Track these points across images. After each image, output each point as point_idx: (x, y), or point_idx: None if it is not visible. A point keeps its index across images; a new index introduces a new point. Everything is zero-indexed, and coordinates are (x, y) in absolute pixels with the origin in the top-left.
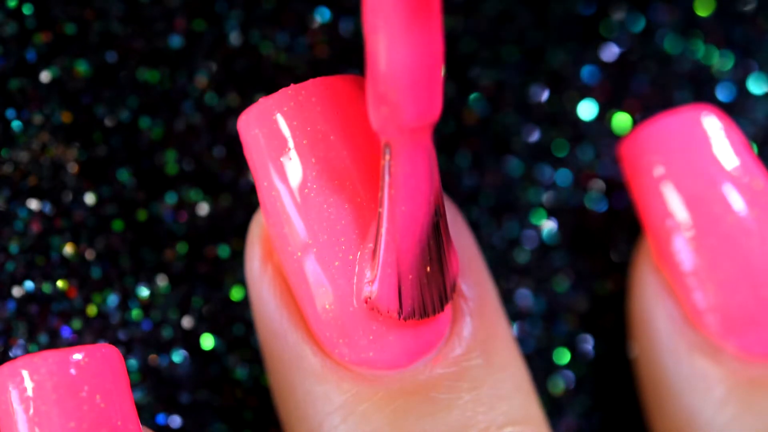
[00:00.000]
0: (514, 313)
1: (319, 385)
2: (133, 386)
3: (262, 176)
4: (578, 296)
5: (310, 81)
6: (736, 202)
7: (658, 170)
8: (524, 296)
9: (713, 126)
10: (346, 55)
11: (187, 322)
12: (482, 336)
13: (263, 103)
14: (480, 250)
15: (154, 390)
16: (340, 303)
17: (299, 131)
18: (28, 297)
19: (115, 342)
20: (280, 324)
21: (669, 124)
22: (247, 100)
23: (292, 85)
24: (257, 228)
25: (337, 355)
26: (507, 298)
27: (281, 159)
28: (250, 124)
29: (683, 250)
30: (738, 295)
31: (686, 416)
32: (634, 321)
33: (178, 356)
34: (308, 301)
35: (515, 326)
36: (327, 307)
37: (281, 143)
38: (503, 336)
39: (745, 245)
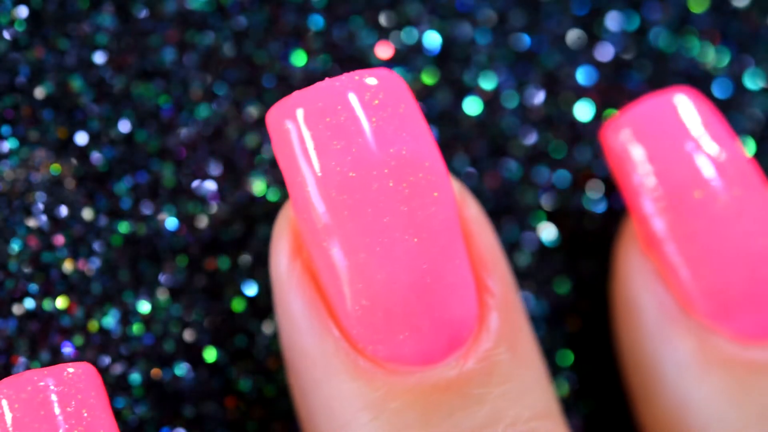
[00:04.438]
0: None
1: (350, 382)
2: (137, 401)
3: (293, 170)
4: (579, 298)
5: (345, 75)
6: (724, 183)
7: (641, 157)
8: (526, 299)
9: (692, 107)
10: (341, 63)
11: (188, 335)
12: (507, 330)
13: (294, 97)
14: (501, 246)
15: (158, 404)
16: (377, 298)
17: (332, 124)
18: (28, 315)
19: (117, 357)
20: (309, 321)
21: (649, 108)
22: (242, 111)
23: (326, 78)
24: (285, 223)
25: (371, 351)
26: None
27: (314, 152)
28: (280, 118)
29: (672, 236)
30: (731, 277)
31: (678, 404)
32: (619, 309)
33: (180, 369)
34: (341, 297)
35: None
36: (363, 302)
37: (312, 136)
38: (525, 331)
39: (735, 227)
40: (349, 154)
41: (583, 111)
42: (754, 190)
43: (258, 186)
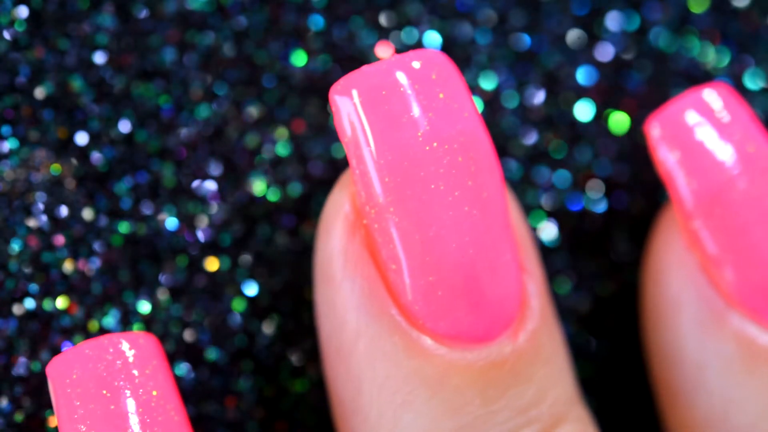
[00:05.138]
0: None
1: (409, 360)
2: None
3: (359, 143)
4: (580, 298)
5: (411, 51)
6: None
7: (686, 151)
8: None
9: (734, 104)
10: (341, 63)
11: (189, 335)
12: (545, 311)
13: (361, 71)
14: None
15: None
16: (444, 273)
17: (403, 98)
18: (28, 315)
19: None
20: (366, 298)
21: (691, 102)
22: (242, 111)
23: (394, 54)
24: (342, 201)
25: (431, 328)
26: None
27: (387, 124)
28: (347, 92)
29: (717, 230)
30: None
31: (723, 401)
32: (655, 305)
33: (180, 369)
34: (402, 274)
35: None
36: (430, 278)
37: (385, 108)
38: (554, 316)
39: None
40: (421, 127)
41: (584, 111)
42: None
43: (258, 186)
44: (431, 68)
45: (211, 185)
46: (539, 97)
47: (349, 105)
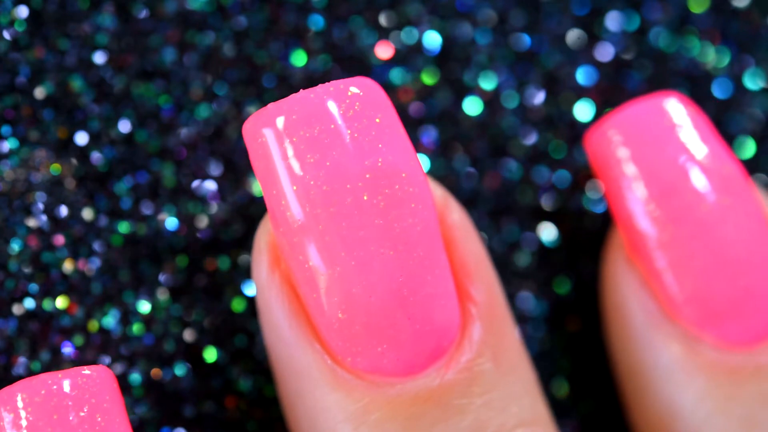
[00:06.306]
0: (516, 317)
1: (331, 394)
2: (137, 401)
3: (269, 183)
4: (580, 298)
5: (320, 86)
6: (708, 190)
7: (626, 161)
8: (526, 299)
9: (679, 112)
10: (341, 63)
11: (188, 335)
12: (491, 339)
13: (269, 109)
14: (488, 253)
15: (158, 404)
16: (353, 311)
17: (306, 137)
18: (28, 315)
19: (117, 357)
20: (290, 332)
21: (635, 112)
22: (242, 111)
23: (301, 90)
24: (264, 235)
25: (350, 363)
26: (509, 302)
27: (288, 165)
28: (256, 130)
29: (657, 242)
30: (715, 284)
31: (666, 409)
32: (608, 315)
33: (180, 369)
34: (319, 310)
35: (517, 330)
36: (340, 315)
37: (287, 149)
38: (511, 338)
39: (719, 233)
40: (322, 167)
41: (583, 111)
42: (739, 197)
43: (258, 186)
44: (342, 101)
45: (211, 185)
46: (539, 97)
47: (257, 143)
